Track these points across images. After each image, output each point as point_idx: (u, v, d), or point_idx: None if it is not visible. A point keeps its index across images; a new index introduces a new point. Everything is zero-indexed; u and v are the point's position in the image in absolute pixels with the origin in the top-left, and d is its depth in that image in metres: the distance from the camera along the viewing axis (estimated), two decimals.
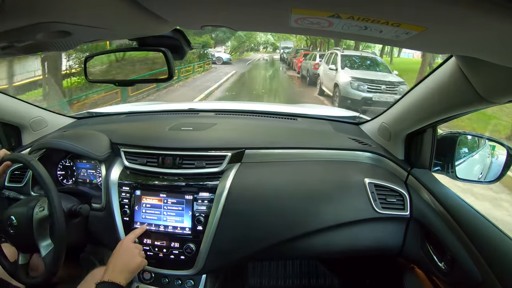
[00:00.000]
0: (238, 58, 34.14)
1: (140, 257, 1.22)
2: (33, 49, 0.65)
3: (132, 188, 1.38)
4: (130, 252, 1.21)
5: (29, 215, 1.21)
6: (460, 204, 1.14)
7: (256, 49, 53.03)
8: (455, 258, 1.09)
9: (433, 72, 1.05)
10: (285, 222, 1.32)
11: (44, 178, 1.18)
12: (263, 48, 55.10)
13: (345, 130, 1.66)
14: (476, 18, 0.45)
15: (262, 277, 1.95)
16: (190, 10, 0.58)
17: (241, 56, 37.13)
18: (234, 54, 32.94)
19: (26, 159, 1.23)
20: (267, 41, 51.29)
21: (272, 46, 53.87)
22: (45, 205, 1.24)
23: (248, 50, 47.65)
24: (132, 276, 1.18)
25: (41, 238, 1.22)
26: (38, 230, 1.22)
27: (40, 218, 1.22)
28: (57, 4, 0.45)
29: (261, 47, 54.65)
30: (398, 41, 0.60)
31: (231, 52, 33.43)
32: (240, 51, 39.31)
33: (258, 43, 52.13)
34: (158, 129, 1.63)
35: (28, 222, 1.20)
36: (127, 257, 1.19)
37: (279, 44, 40.83)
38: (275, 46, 51.70)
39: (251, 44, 48.42)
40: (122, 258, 1.18)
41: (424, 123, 1.19)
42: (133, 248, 1.23)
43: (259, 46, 54.26)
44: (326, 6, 0.49)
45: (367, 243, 1.36)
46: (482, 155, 1.34)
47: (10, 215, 1.22)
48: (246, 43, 41.53)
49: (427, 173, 1.30)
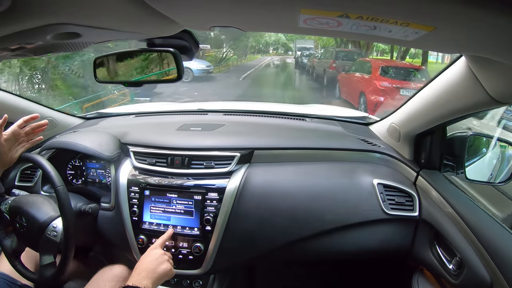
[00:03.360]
0: (237, 63, 25.71)
1: (168, 264, 1.17)
2: (43, 50, 0.66)
3: (141, 188, 1.39)
4: (158, 258, 1.16)
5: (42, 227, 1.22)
6: (470, 205, 1.13)
7: (265, 51, 44.33)
8: (465, 261, 1.08)
9: (442, 72, 1.04)
10: (294, 223, 1.32)
11: (54, 178, 1.19)
12: (273, 49, 45.67)
13: (354, 130, 1.66)
14: (486, 17, 0.45)
15: (270, 278, 1.95)
16: (199, 11, 0.58)
17: (242, 61, 27.96)
18: (229, 59, 23.73)
19: (37, 158, 1.24)
20: (278, 41, 41.68)
21: (283, 46, 43.76)
22: (59, 225, 1.23)
23: (254, 52, 39.62)
24: (158, 283, 1.13)
25: None
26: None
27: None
28: (66, 6, 0.45)
29: (270, 48, 45.42)
30: (407, 41, 0.59)
31: (224, 57, 23.25)
32: (242, 53, 30.81)
33: (267, 43, 42.94)
34: (167, 129, 1.63)
35: (39, 228, 1.22)
36: (155, 263, 1.14)
37: (293, 45, 32.44)
38: (288, 46, 41.99)
39: (259, 45, 40.65)
40: (149, 264, 1.13)
41: (434, 123, 1.18)
42: (162, 255, 1.19)
43: (269, 47, 45.10)
44: (334, 6, 0.49)
45: (376, 244, 1.35)
46: (492, 156, 1.32)
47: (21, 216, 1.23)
48: (248, 43, 32.41)
49: (436, 174, 1.29)
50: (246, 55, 34.07)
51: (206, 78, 14.07)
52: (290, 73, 19.97)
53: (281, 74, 20.44)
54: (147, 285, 1.05)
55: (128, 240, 1.39)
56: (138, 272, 1.09)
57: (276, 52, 44.07)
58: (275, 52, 44.60)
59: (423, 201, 1.29)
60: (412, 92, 1.35)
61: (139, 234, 1.37)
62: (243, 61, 29.68)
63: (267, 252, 1.35)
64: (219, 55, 23.76)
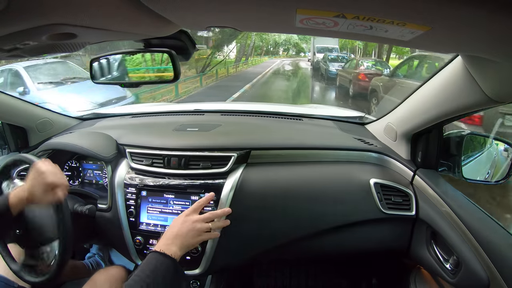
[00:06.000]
0: (235, 70, 19.48)
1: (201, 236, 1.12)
2: (39, 51, 0.66)
3: (138, 189, 1.38)
4: (190, 227, 1.10)
5: None
6: (466, 204, 1.14)
7: (274, 52, 37.62)
8: (462, 259, 1.08)
9: (438, 71, 1.05)
10: (291, 223, 1.32)
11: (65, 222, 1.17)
12: (284, 50, 39.34)
13: (350, 130, 1.66)
14: (482, 17, 0.45)
15: (268, 277, 1.95)
16: (195, 11, 0.58)
17: (236, 70, 20.33)
18: (218, 65, 17.53)
19: (33, 160, 1.24)
20: (288, 40, 35.85)
21: (295, 47, 37.69)
22: (53, 250, 1.21)
23: (261, 54, 32.47)
24: (187, 250, 1.09)
25: None
26: None
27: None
28: (62, 6, 0.45)
29: (280, 49, 39.02)
30: (404, 40, 0.60)
31: (208, 63, 16.49)
32: (240, 56, 23.83)
33: (276, 43, 35.92)
34: (163, 129, 1.63)
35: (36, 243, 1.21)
36: (185, 230, 1.09)
37: (311, 45, 25.01)
38: (300, 47, 36.08)
39: (267, 45, 33.21)
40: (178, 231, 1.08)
41: (430, 123, 1.18)
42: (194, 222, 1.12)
43: (278, 48, 38.68)
44: (331, 6, 0.49)
45: (373, 244, 1.35)
46: (489, 155, 1.33)
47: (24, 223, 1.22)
48: (250, 42, 25.74)
49: (433, 173, 1.29)
50: (248, 58, 26.60)
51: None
52: (307, 83, 14.99)
53: (298, 93, 14.09)
54: (176, 252, 1.02)
55: (125, 241, 1.38)
56: (166, 237, 1.06)
57: (287, 54, 38.72)
58: (285, 53, 39.06)
59: (420, 200, 1.29)
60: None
61: (136, 235, 1.37)
62: (244, 67, 22.91)
63: (265, 252, 1.35)
64: (216, 58, 18.22)
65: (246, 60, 25.42)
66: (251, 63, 26.25)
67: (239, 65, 22.26)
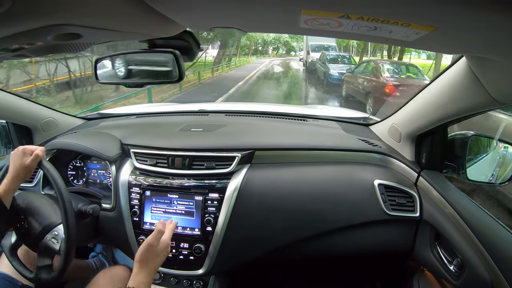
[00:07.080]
0: (212, 75, 17.00)
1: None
2: (44, 51, 0.66)
3: (142, 189, 1.39)
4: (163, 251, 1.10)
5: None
6: (471, 206, 1.13)
7: (263, 51, 36.27)
8: (466, 262, 1.08)
9: (443, 73, 1.04)
10: (295, 224, 1.32)
11: (56, 179, 1.18)
12: (273, 49, 38.17)
13: (354, 131, 1.66)
14: (487, 18, 0.45)
15: (270, 278, 1.95)
16: (199, 11, 0.58)
17: (213, 75, 17.48)
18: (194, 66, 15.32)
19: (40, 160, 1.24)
20: (278, 39, 34.41)
21: (285, 46, 36.37)
22: (60, 233, 1.22)
23: (248, 54, 30.17)
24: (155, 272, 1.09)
25: None
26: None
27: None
28: (67, 6, 0.45)
29: (270, 48, 37.87)
30: (408, 41, 0.59)
31: None
32: (220, 57, 20.47)
33: (265, 42, 34.44)
34: (168, 130, 1.64)
35: (40, 232, 1.21)
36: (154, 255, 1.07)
37: (304, 43, 23.33)
38: (290, 46, 35.11)
39: (256, 44, 31.08)
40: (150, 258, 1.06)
41: (435, 124, 1.17)
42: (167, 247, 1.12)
43: (268, 47, 37.28)
44: (335, 7, 0.49)
45: (377, 245, 1.35)
46: (493, 156, 1.32)
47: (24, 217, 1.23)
48: (235, 39, 22.84)
49: (437, 175, 1.28)
50: (231, 59, 23.52)
51: None
52: (300, 89, 12.22)
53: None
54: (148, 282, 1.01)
55: (128, 241, 1.39)
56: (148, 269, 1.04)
57: (277, 53, 37.82)
58: (275, 53, 38.02)
59: (424, 201, 1.29)
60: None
61: (140, 234, 1.37)
62: (225, 69, 20.18)
63: (268, 252, 1.34)
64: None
65: (229, 62, 23.27)
66: (234, 65, 24.14)
67: (218, 68, 19.46)
